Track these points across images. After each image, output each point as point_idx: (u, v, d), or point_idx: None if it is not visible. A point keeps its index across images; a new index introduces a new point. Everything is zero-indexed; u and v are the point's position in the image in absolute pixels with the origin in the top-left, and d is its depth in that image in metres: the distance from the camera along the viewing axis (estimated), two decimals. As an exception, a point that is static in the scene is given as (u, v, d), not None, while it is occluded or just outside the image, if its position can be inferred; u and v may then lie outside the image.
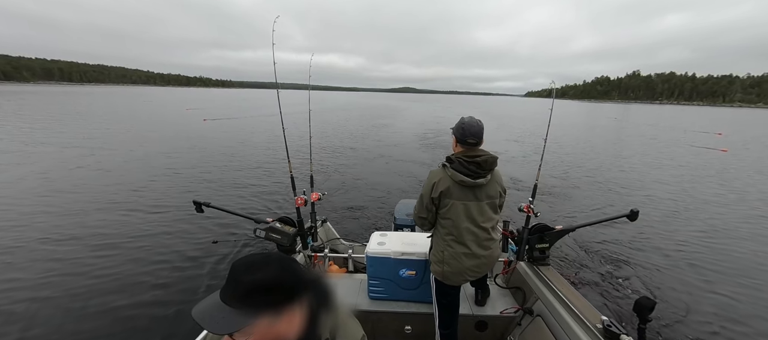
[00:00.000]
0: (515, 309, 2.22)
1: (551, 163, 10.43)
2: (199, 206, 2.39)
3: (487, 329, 2.25)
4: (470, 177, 1.68)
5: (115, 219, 5.26)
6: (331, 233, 3.34)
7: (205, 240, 4.63)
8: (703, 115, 52.57)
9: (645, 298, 1.44)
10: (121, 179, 7.48)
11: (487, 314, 2.22)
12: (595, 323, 1.70)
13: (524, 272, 2.37)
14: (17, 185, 6.83)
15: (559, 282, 2.12)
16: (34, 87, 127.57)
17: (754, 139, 19.64)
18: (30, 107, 26.91)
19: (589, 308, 1.85)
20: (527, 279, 2.30)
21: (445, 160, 1.76)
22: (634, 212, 2.18)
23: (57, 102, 35.00)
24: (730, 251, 4.78)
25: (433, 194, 1.74)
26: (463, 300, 2.32)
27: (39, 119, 18.55)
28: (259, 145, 12.39)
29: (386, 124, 22.31)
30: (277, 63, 2.52)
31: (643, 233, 5.26)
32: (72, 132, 14.16)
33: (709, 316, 3.40)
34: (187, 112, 27.11)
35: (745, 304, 3.60)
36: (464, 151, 1.73)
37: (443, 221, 1.79)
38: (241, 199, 6.55)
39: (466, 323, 2.21)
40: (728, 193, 7.76)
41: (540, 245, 2.36)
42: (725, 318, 3.37)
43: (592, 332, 1.67)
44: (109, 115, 22.76)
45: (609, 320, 1.67)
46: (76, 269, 3.84)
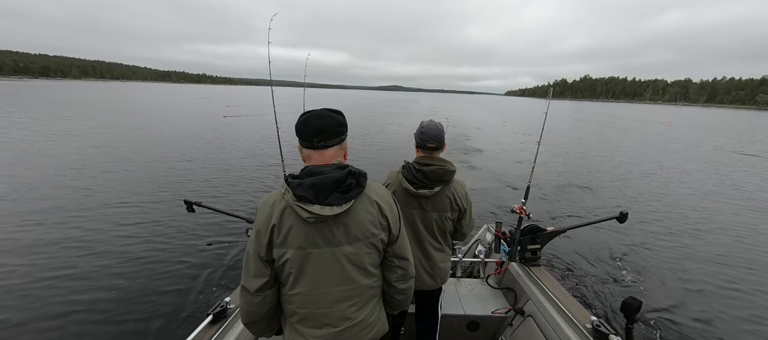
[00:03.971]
0: (507, 309, 2.24)
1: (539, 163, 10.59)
2: (190, 205, 2.34)
3: (478, 329, 2.26)
4: (412, 186, 1.61)
5: (100, 216, 5.16)
6: None
7: (196, 239, 4.57)
8: (624, 108, 64.53)
9: (631, 298, 1.46)
10: (109, 178, 7.33)
11: (479, 314, 2.24)
12: (585, 324, 1.73)
13: (516, 272, 2.39)
14: None
15: (550, 283, 2.15)
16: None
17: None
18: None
19: (579, 308, 1.88)
20: (519, 280, 2.32)
21: (403, 164, 1.69)
22: (623, 214, 2.21)
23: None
24: (716, 249, 4.92)
25: None
26: (455, 300, 2.33)
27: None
28: (253, 144, 12.29)
29: (389, 123, 22.39)
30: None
31: (632, 234, 5.37)
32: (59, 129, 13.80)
33: (695, 313, 3.49)
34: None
35: (733, 301, 3.72)
36: (422, 156, 1.67)
37: None
38: (234, 198, 6.50)
39: (457, 323, 2.22)
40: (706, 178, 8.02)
41: (532, 246, 2.38)
42: (712, 315, 3.47)
43: (582, 332, 1.69)
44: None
45: (598, 320, 1.70)
46: (67, 272, 3.76)
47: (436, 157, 1.65)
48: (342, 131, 1.12)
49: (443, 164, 1.62)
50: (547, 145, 14.51)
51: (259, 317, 1.11)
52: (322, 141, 1.07)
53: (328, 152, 1.09)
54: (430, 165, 1.61)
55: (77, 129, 14.01)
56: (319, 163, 1.08)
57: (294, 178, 1.04)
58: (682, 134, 22.84)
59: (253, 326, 1.15)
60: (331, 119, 1.09)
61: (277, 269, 1.07)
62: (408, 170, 1.64)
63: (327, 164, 1.07)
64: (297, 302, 1.09)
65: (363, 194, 1.09)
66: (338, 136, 1.10)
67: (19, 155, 8.93)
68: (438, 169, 1.60)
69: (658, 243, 5.15)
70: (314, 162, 1.09)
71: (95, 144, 10.94)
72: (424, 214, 1.68)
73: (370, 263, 1.13)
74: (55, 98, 34.32)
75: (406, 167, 1.67)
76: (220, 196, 6.58)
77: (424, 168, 1.60)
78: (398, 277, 1.21)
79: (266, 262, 1.06)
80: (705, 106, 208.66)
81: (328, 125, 1.07)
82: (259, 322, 1.13)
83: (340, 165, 1.08)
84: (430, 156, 1.65)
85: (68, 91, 53.25)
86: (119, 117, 19.65)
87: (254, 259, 1.06)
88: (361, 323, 1.13)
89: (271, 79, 2.42)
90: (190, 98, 48.17)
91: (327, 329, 1.09)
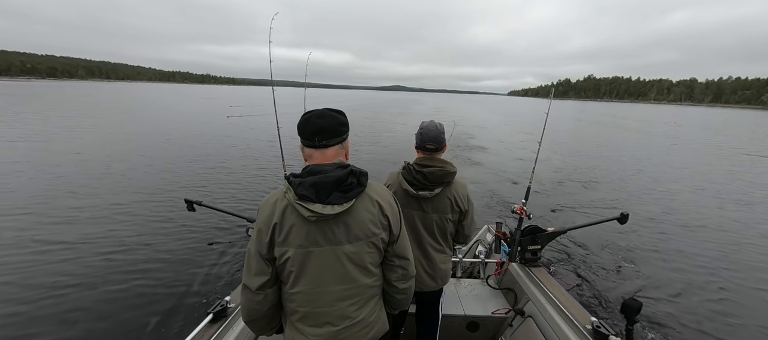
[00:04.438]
0: (507, 310, 2.24)
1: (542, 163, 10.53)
2: (190, 204, 2.36)
3: (478, 329, 2.26)
4: (412, 187, 1.60)
5: (100, 215, 5.20)
6: None
7: (197, 238, 4.60)
8: (630, 108, 65.78)
9: (631, 299, 1.46)
10: (112, 179, 7.39)
11: (479, 314, 2.24)
12: (585, 324, 1.72)
13: (516, 273, 2.38)
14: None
15: (550, 284, 2.14)
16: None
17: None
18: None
19: (580, 309, 1.88)
20: (519, 280, 2.31)
21: (404, 165, 1.68)
22: (624, 215, 2.20)
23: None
24: (719, 251, 4.88)
25: None
26: (455, 300, 2.33)
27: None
28: (254, 144, 12.33)
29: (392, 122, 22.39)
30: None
31: (633, 235, 5.34)
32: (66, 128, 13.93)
33: (696, 314, 3.47)
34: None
35: (732, 302, 3.68)
36: (422, 157, 1.66)
37: None
38: (234, 197, 6.53)
39: (457, 324, 2.22)
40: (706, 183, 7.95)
41: (532, 247, 2.37)
42: (711, 316, 3.45)
43: (582, 333, 1.69)
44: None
45: (598, 321, 1.70)
46: (67, 269, 3.80)
47: (436, 159, 1.64)
48: (343, 131, 1.13)
49: (443, 166, 1.61)
50: (549, 145, 14.46)
51: (259, 316, 1.12)
52: (323, 140, 1.08)
53: (329, 151, 1.10)
54: (430, 166, 1.59)
55: (82, 127, 14.14)
56: (320, 163, 1.08)
57: (295, 177, 1.05)
58: (686, 134, 22.65)
59: (253, 324, 1.16)
60: (333, 119, 1.10)
61: (278, 267, 1.08)
62: (408, 172, 1.64)
63: (328, 163, 1.08)
64: (297, 301, 1.09)
65: (364, 193, 1.10)
66: (339, 135, 1.11)
67: (18, 154, 9.03)
68: (438, 170, 1.58)
69: (659, 244, 5.12)
70: (315, 161, 1.10)
71: (97, 143, 11.03)
72: (424, 215, 1.67)
73: (371, 262, 1.13)
74: (68, 99, 34.63)
75: (406, 168, 1.66)
76: (221, 195, 6.61)
77: (424, 169, 1.59)
78: (399, 276, 1.21)
79: (267, 260, 1.07)
80: (710, 105, 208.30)
81: (329, 125, 1.08)
82: (259, 320, 1.14)
83: (341, 164, 1.09)
84: (430, 157, 1.64)
85: (75, 92, 53.74)
86: (124, 117, 19.83)
87: (256, 257, 1.07)
88: (361, 323, 1.14)
89: (272, 80, 2.43)
90: (194, 98, 48.38)
91: (327, 328, 1.10)
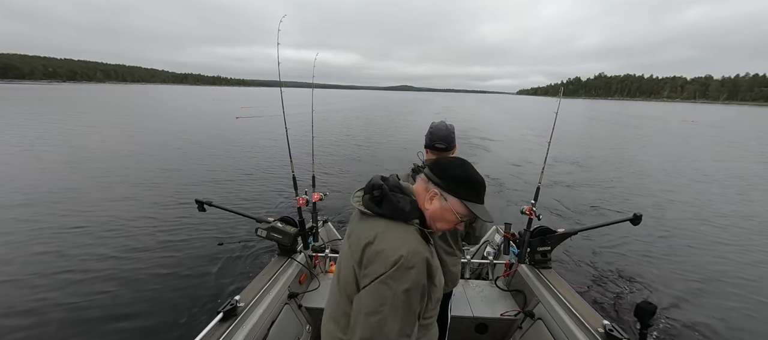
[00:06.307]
0: (516, 312, 2.21)
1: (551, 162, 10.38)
2: (201, 204, 2.39)
3: (487, 331, 2.24)
4: None
5: (112, 216, 5.32)
6: (332, 233, 3.34)
7: (207, 238, 4.67)
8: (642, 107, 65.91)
9: (646, 302, 1.42)
10: (122, 178, 7.56)
11: (488, 316, 2.21)
12: (597, 328, 1.68)
13: (526, 274, 2.35)
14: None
15: (560, 285, 2.11)
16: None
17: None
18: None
19: (591, 312, 1.84)
20: (529, 282, 2.28)
21: (413, 167, 1.66)
22: (637, 216, 2.15)
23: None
24: (738, 254, 4.73)
25: None
26: (464, 302, 2.31)
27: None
28: (262, 145, 12.47)
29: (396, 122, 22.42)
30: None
31: (646, 236, 5.21)
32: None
33: (711, 319, 3.36)
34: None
35: (754, 309, 3.56)
36: (431, 158, 1.64)
37: None
38: (244, 198, 6.60)
39: (466, 326, 2.20)
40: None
41: (542, 248, 2.33)
42: (730, 322, 3.33)
43: (594, 336, 1.66)
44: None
45: (611, 324, 1.66)
46: (78, 267, 3.89)
47: (450, 157, 1.62)
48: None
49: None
50: (559, 145, 14.23)
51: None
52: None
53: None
54: None
55: (97, 126, 14.49)
56: None
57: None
58: (702, 133, 22.05)
59: None
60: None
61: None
62: (417, 173, 1.62)
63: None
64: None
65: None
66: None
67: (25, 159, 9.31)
68: None
69: (675, 247, 4.99)
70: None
71: (110, 143, 11.30)
72: None
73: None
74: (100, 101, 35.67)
75: (415, 170, 1.64)
76: (231, 195, 6.69)
77: None
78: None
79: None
80: (726, 103, 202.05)
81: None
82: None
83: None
84: (442, 156, 1.62)
85: (94, 93, 55.17)
86: (140, 119, 20.28)
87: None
88: None
89: (280, 81, 2.45)
90: (205, 100, 49.29)
91: None
